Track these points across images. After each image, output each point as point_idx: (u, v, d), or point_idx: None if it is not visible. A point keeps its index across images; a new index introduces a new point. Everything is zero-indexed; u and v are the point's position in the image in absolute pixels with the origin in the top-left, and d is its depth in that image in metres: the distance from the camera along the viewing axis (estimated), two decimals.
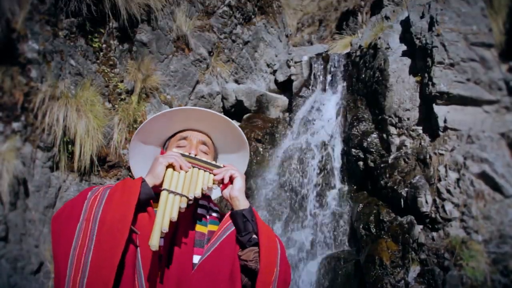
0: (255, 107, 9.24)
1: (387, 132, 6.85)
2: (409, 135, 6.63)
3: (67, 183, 5.93)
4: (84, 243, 1.92)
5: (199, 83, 8.51)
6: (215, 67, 9.05)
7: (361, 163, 7.23)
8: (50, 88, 5.62)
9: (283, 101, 9.73)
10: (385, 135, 6.92)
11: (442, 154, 5.91)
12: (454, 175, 5.67)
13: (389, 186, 6.31)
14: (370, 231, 6.26)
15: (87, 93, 6.19)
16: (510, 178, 5.38)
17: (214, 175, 2.28)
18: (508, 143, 5.71)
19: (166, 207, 2.03)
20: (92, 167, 6.16)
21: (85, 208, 2.02)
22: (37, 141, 5.46)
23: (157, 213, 2.01)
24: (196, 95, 8.45)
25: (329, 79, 9.28)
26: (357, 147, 7.30)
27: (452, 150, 5.86)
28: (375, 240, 6.11)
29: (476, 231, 5.25)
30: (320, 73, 9.46)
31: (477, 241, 5.18)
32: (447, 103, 6.14)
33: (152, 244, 1.91)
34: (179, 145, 2.46)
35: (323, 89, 9.28)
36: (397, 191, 6.15)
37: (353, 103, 8.11)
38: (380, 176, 6.58)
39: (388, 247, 5.86)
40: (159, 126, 2.50)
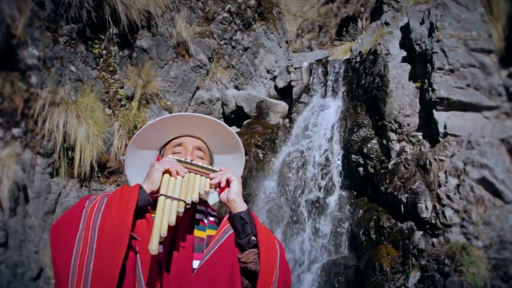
0: (255, 113, 9.24)
1: (387, 138, 6.85)
2: (409, 141, 6.63)
3: (67, 189, 5.93)
4: (84, 251, 1.92)
5: (199, 89, 8.52)
6: (215, 73, 9.06)
7: (361, 169, 7.22)
8: (50, 94, 5.63)
9: (283, 107, 9.73)
10: (385, 141, 6.92)
11: (442, 160, 5.91)
12: (454, 181, 5.67)
13: (389, 192, 6.31)
14: (370, 237, 6.25)
15: (87, 99, 6.19)
16: (510, 183, 5.38)
17: (210, 179, 2.29)
18: (508, 148, 5.71)
19: (164, 212, 2.04)
20: (92, 173, 6.16)
21: (84, 216, 2.02)
22: (37, 147, 5.46)
23: (155, 218, 2.02)
24: (196, 101, 8.46)
25: (329, 85, 9.28)
26: (357, 153, 7.30)
27: (452, 156, 5.85)
28: (375, 246, 6.10)
29: (476, 237, 5.24)
30: (320, 79, 9.46)
31: (477, 247, 5.17)
32: (447, 109, 6.14)
33: (151, 248, 1.91)
34: (174, 151, 2.47)
35: (323, 95, 9.28)
36: (397, 197, 6.14)
37: (353, 109, 8.11)
38: (380, 182, 6.57)
39: (388, 253, 5.85)
40: (154, 134, 2.51)
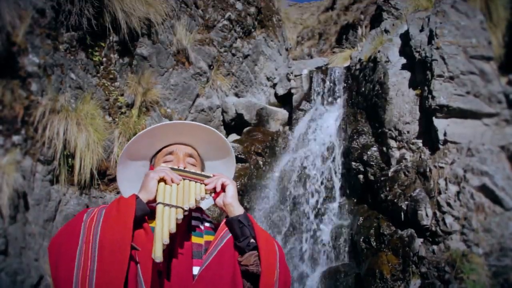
0: (255, 121, 9.26)
1: (387, 145, 6.85)
2: (409, 148, 6.63)
3: (67, 196, 5.92)
4: (86, 265, 1.91)
5: (199, 96, 8.53)
6: (215, 80, 9.08)
7: (361, 176, 7.22)
8: (50, 101, 5.63)
9: (283, 114, 9.75)
10: (385, 148, 6.92)
11: (442, 167, 5.91)
12: (454, 188, 5.67)
13: (389, 199, 6.31)
14: (370, 244, 6.25)
15: (88, 107, 6.19)
16: (510, 191, 5.37)
17: (205, 185, 2.29)
18: (508, 156, 5.71)
19: (163, 220, 2.04)
20: (92, 181, 6.16)
21: (83, 230, 2.01)
22: (37, 154, 5.46)
23: (156, 226, 2.01)
24: (196, 109, 8.47)
25: (329, 92, 9.29)
26: (357, 160, 7.30)
27: (452, 163, 5.86)
28: (375, 253, 6.10)
29: (476, 244, 5.23)
30: (320, 87, 9.48)
31: (477, 254, 5.17)
32: (447, 116, 6.15)
33: (156, 256, 1.92)
34: (166, 160, 2.46)
35: (323, 103, 9.30)
36: (397, 204, 6.14)
37: (353, 116, 8.12)
38: (380, 189, 6.57)
39: (388, 260, 5.85)
40: (144, 144, 2.51)
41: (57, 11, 6.06)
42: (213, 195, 2.31)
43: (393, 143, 6.81)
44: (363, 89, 8.11)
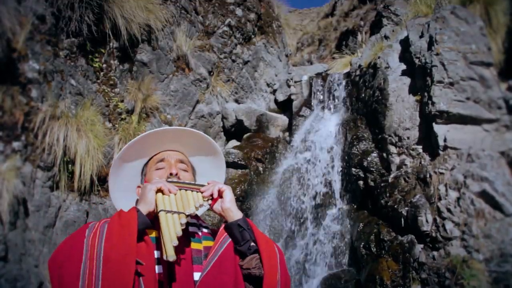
0: (255, 127, 9.26)
1: (387, 151, 6.86)
2: (409, 154, 6.63)
3: (67, 202, 5.92)
4: (91, 282, 1.90)
5: (199, 102, 8.53)
6: (215, 86, 9.08)
7: (361, 182, 7.23)
8: (50, 107, 5.63)
9: (283, 120, 9.75)
10: (385, 154, 6.93)
11: (442, 173, 5.91)
12: (454, 194, 5.67)
13: (390, 205, 6.30)
14: (370, 250, 6.24)
15: (88, 113, 6.19)
16: (510, 196, 5.37)
17: (202, 192, 2.29)
18: (508, 161, 5.71)
19: (168, 225, 2.04)
20: (92, 187, 6.15)
21: (86, 247, 1.98)
22: (37, 160, 5.46)
23: (163, 232, 2.01)
24: (196, 115, 8.47)
25: (329, 98, 9.30)
26: (357, 166, 7.30)
27: (452, 169, 5.86)
28: (375, 259, 6.09)
29: (477, 250, 5.23)
30: (320, 93, 9.49)
31: (478, 260, 5.16)
32: (447, 122, 6.16)
33: (169, 255, 1.93)
34: (158, 167, 2.46)
35: (323, 109, 9.30)
36: (397, 210, 6.14)
37: (353, 122, 8.12)
38: (380, 195, 6.57)
39: (388, 266, 5.84)
40: (134, 154, 2.50)
41: (57, 17, 6.08)
42: (210, 201, 2.31)
43: (393, 149, 6.81)
44: (363, 95, 8.12)
